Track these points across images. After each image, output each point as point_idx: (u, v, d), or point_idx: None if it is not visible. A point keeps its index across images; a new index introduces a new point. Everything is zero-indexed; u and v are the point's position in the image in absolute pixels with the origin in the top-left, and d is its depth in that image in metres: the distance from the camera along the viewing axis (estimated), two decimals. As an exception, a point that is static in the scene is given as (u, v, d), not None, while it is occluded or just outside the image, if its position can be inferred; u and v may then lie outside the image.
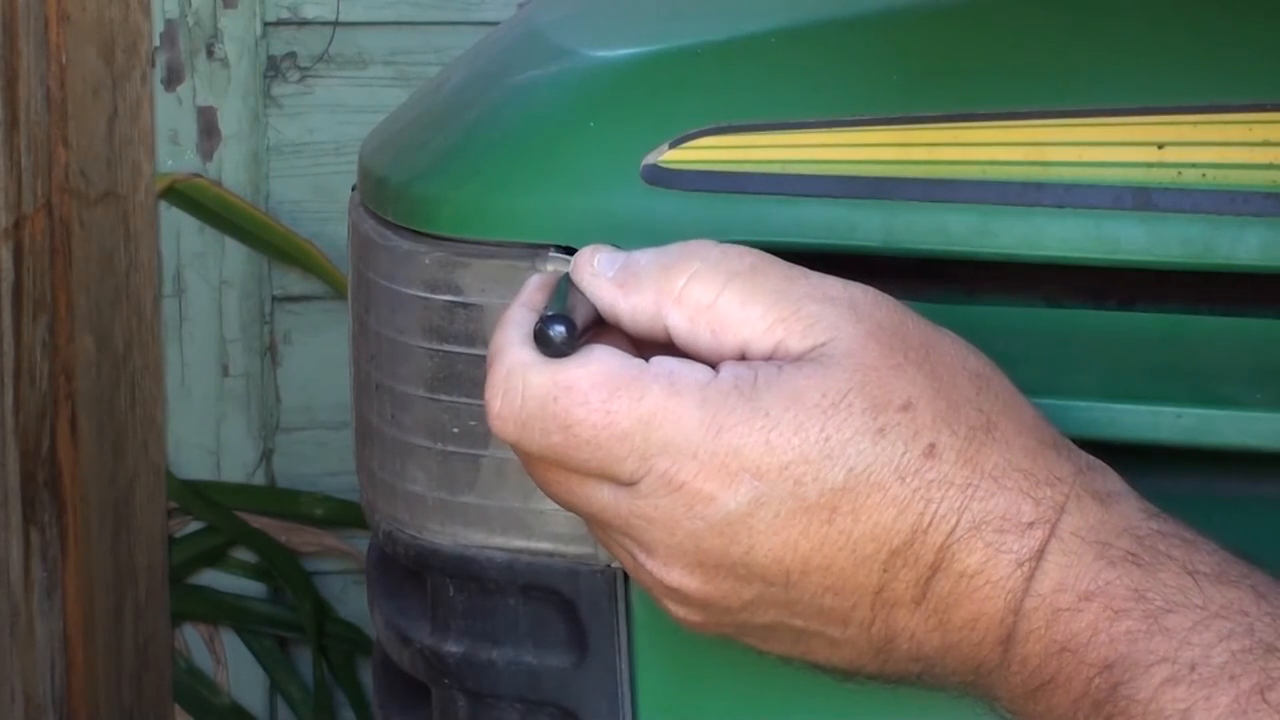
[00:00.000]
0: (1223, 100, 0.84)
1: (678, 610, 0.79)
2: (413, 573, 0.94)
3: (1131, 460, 0.82)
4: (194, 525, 2.26)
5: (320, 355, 2.25)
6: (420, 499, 0.92)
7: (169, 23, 2.16)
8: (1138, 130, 0.84)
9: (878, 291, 0.78)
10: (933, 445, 0.74)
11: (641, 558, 0.77)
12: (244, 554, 2.27)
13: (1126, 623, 0.73)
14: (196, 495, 2.23)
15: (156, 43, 2.16)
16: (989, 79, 0.86)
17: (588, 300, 0.78)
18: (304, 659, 2.29)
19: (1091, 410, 0.85)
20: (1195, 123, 0.84)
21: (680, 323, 0.77)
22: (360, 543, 2.22)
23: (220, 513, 2.24)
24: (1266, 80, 0.84)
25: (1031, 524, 0.74)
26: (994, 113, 0.85)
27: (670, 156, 0.87)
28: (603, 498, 0.76)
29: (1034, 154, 0.85)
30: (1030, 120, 0.85)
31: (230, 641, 2.28)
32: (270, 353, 2.25)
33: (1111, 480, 0.77)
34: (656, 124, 0.87)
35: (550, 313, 0.77)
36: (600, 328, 0.79)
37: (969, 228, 0.85)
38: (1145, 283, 0.87)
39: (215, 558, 2.27)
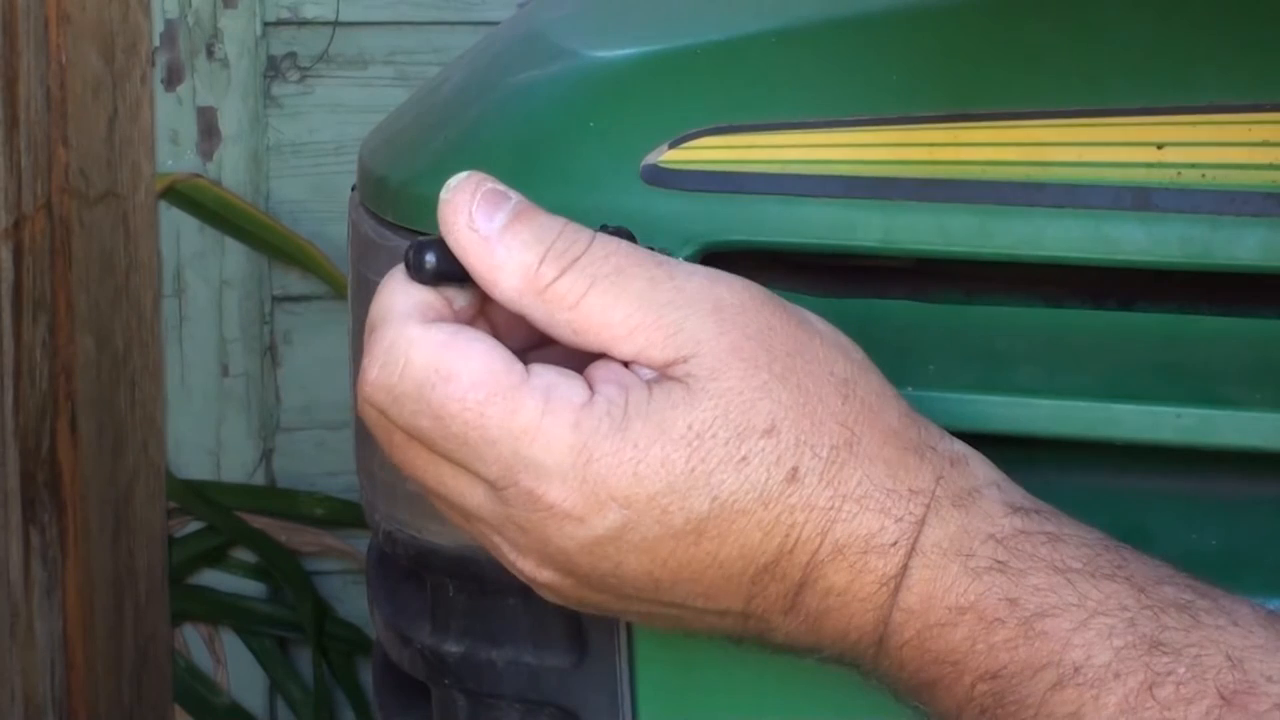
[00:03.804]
0: (1223, 100, 0.84)
1: (553, 599, 0.80)
2: (413, 573, 0.94)
3: (1132, 460, 0.82)
4: (194, 525, 2.26)
5: (320, 355, 2.25)
6: (420, 499, 0.92)
7: (169, 23, 2.16)
8: (1137, 130, 0.84)
9: (746, 288, 0.77)
10: (795, 469, 0.75)
11: (513, 557, 0.78)
12: (244, 554, 2.27)
13: (1003, 632, 0.73)
14: (196, 495, 2.23)
15: (156, 43, 2.16)
16: (989, 79, 0.86)
17: None
18: (304, 659, 2.29)
19: (1091, 410, 0.85)
20: (1195, 123, 0.84)
21: (541, 317, 0.76)
22: (360, 543, 2.22)
23: (220, 513, 2.24)
24: (1266, 80, 0.84)
25: (894, 543, 0.75)
26: (994, 113, 0.85)
27: (670, 156, 0.87)
28: (477, 496, 0.76)
29: (1034, 154, 0.85)
30: (1030, 120, 0.85)
31: (230, 641, 2.28)
32: (270, 353, 2.25)
33: (973, 474, 0.77)
34: (656, 124, 0.87)
35: (426, 239, 0.76)
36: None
37: (969, 228, 0.85)
38: (1145, 283, 0.87)
39: (215, 558, 2.28)
